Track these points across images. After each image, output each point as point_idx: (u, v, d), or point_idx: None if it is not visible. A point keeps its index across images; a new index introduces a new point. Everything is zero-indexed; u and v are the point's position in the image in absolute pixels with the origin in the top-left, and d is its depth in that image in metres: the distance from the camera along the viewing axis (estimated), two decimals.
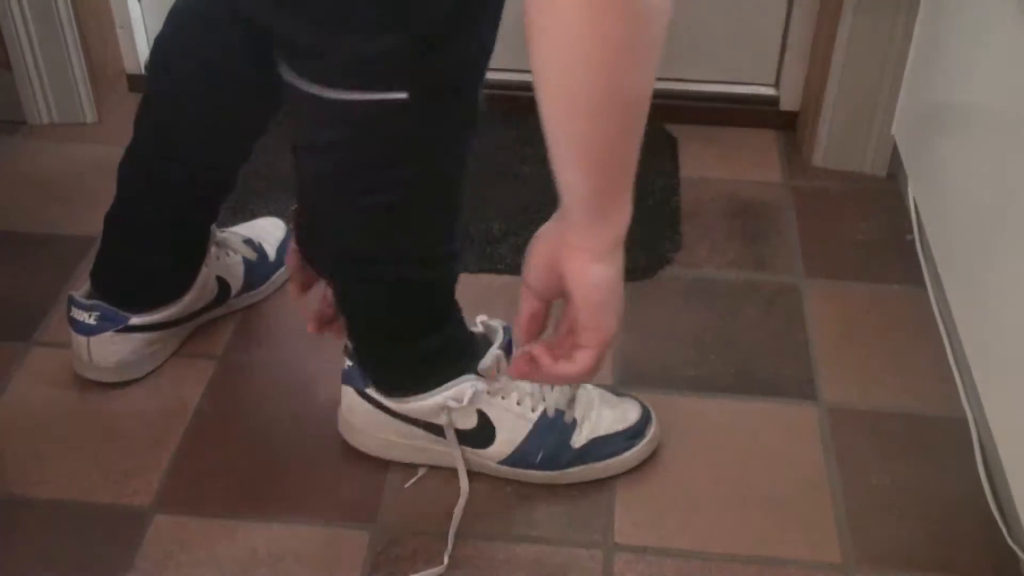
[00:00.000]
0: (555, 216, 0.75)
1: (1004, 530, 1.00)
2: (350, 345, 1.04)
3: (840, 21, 1.38)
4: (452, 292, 1.01)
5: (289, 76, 0.85)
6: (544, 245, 0.76)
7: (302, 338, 1.23)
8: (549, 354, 0.80)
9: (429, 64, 0.81)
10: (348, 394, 1.06)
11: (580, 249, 0.73)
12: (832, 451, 1.09)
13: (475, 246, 1.34)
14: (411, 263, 0.95)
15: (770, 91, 1.60)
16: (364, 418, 1.06)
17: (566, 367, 0.79)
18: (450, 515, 1.02)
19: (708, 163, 1.52)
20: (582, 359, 0.77)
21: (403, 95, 0.81)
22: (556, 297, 0.79)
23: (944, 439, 1.11)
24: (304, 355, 1.20)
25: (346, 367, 1.05)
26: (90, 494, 1.05)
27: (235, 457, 1.09)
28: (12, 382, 1.17)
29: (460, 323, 1.03)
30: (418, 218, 0.92)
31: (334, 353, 1.17)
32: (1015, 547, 0.98)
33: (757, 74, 1.59)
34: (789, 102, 1.58)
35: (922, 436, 1.11)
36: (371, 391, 1.04)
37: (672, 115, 1.58)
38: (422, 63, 0.81)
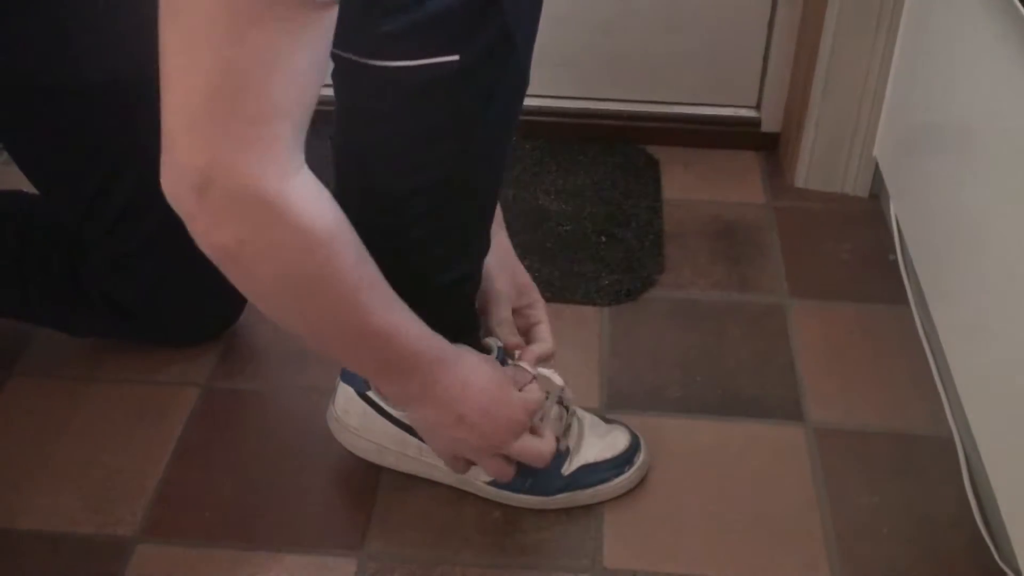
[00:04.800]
0: None
1: (992, 549, 1.00)
2: None
3: (820, 42, 1.39)
4: (474, 296, 0.98)
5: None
6: None
7: (287, 364, 1.22)
8: None
9: (480, 24, 0.77)
10: (346, 393, 1.04)
11: None
12: (819, 471, 1.09)
13: None
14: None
15: (751, 113, 1.60)
16: (360, 420, 1.04)
17: None
18: (439, 543, 1.01)
19: (690, 185, 1.53)
20: None
21: (454, 57, 0.77)
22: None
23: (931, 458, 1.11)
24: (289, 381, 1.20)
25: None
26: (71, 524, 1.04)
27: (220, 485, 1.08)
28: None
29: (475, 334, 1.00)
30: (458, 202, 0.88)
31: (319, 379, 1.16)
32: (1004, 566, 0.98)
33: (738, 96, 1.60)
34: (770, 123, 1.59)
35: (909, 455, 1.11)
36: (372, 394, 1.02)
37: (654, 137, 1.59)
38: (473, 23, 0.77)
